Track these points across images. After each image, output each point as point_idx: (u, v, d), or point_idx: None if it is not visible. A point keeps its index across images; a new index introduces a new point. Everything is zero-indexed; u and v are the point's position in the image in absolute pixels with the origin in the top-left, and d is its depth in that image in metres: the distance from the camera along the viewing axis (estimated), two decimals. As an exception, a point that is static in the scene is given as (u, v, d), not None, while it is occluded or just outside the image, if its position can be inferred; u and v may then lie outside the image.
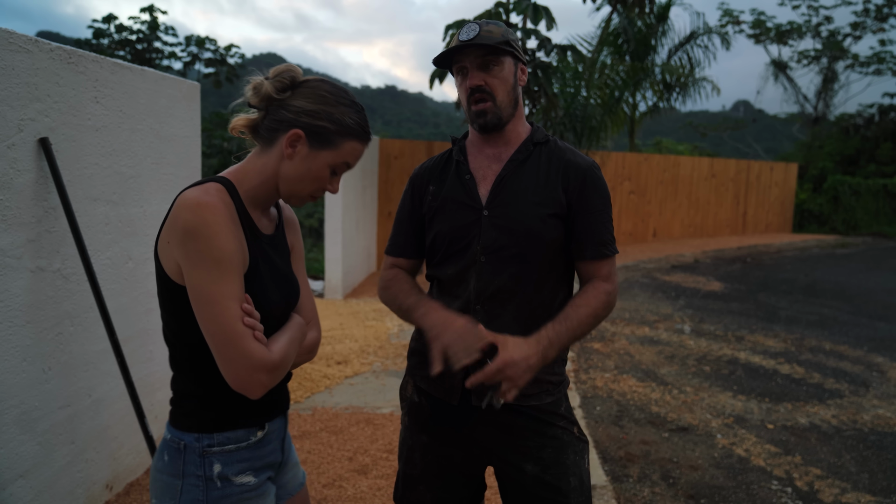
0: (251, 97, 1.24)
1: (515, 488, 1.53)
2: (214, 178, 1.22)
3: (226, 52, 22.28)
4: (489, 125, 1.49)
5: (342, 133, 1.23)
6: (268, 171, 1.24)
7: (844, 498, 3.01)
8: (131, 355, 2.68)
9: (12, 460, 2.12)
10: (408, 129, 68.24)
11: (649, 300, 7.65)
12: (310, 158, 1.22)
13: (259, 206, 1.28)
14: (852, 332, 6.32)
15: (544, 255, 1.49)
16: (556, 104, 8.68)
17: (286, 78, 1.23)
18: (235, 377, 1.13)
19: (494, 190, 1.50)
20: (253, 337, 1.13)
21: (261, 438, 1.29)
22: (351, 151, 1.25)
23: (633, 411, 4.05)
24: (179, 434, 1.24)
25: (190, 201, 1.12)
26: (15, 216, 2.10)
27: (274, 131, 1.23)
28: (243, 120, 1.26)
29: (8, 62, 2.04)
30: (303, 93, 1.22)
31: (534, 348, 1.36)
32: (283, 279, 1.31)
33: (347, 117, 1.23)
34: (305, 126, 1.21)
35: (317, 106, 1.21)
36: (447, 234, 1.52)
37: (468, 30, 1.45)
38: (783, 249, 13.23)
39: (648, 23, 13.64)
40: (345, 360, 4.76)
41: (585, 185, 1.50)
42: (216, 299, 1.11)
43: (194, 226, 1.10)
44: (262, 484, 1.29)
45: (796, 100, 24.37)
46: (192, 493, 1.22)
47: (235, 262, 1.14)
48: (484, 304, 1.48)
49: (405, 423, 1.65)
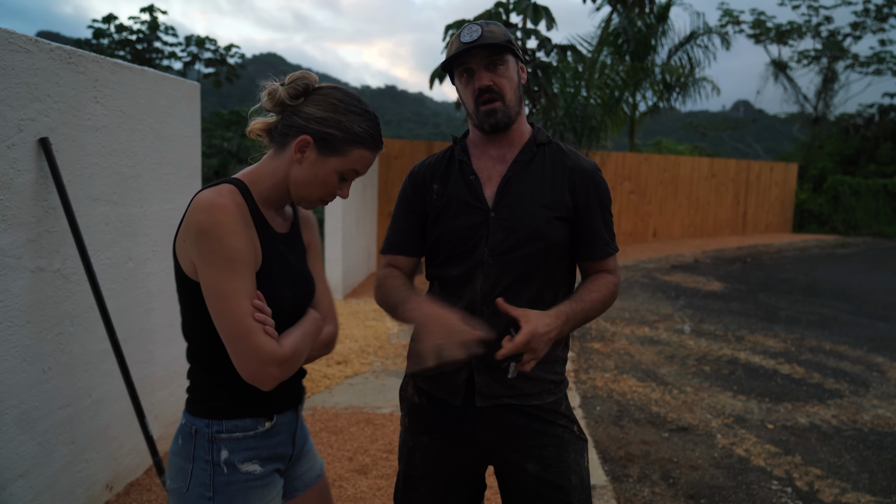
0: (266, 102, 1.28)
1: (517, 487, 1.54)
2: (229, 180, 1.27)
3: (226, 52, 22.30)
4: (500, 124, 1.49)
5: (350, 141, 1.26)
6: (280, 174, 1.28)
7: (844, 498, 3.01)
8: (131, 355, 2.68)
9: (12, 460, 2.12)
10: (408, 129, 68.26)
11: (649, 300, 7.65)
12: (318, 164, 1.26)
13: (273, 206, 1.32)
14: (852, 332, 6.32)
15: (549, 257, 1.50)
16: (556, 104, 8.68)
17: (300, 85, 1.26)
18: (247, 370, 1.18)
19: (500, 191, 1.50)
20: (263, 332, 1.18)
21: (268, 429, 1.32)
22: (359, 159, 1.28)
23: (633, 411, 4.05)
24: (192, 419, 1.30)
25: (203, 203, 1.18)
26: (15, 216, 2.10)
27: (286, 136, 1.27)
28: (260, 123, 1.31)
29: (8, 62, 2.04)
30: (315, 100, 1.26)
31: (554, 322, 1.37)
32: (297, 276, 1.34)
33: (357, 126, 1.26)
34: (314, 133, 1.24)
35: (326, 113, 1.25)
36: (453, 234, 1.52)
37: (470, 31, 1.45)
38: (783, 249, 13.23)
39: (648, 23, 13.64)
40: (345, 360, 4.76)
41: (591, 188, 1.53)
42: (228, 296, 1.16)
43: (207, 226, 1.16)
44: (267, 474, 1.32)
45: (796, 100, 24.40)
46: (200, 477, 1.27)
47: (246, 260, 1.18)
48: (490, 304, 1.48)
49: (405, 425, 1.64)
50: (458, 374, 1.51)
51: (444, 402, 1.54)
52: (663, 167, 13.94)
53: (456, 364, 1.51)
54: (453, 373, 1.51)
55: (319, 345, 1.36)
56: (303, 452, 1.46)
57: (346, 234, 7.32)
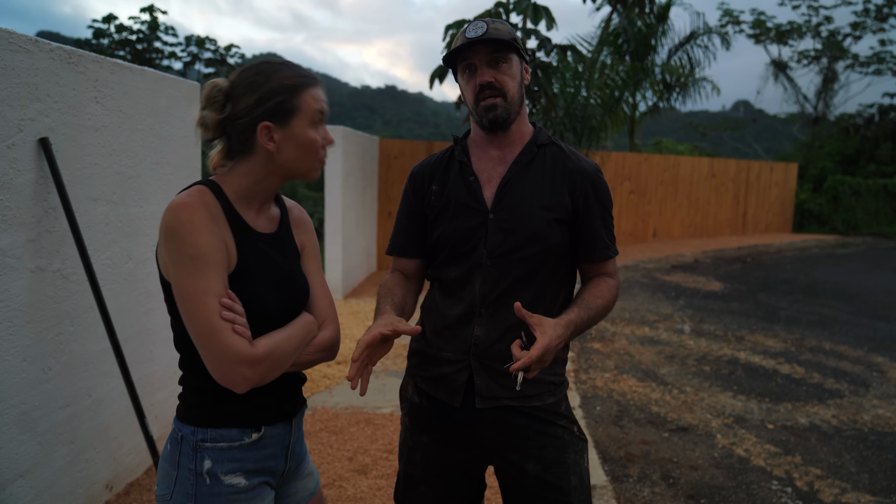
0: (205, 134, 1.26)
1: (517, 488, 1.53)
2: (201, 181, 1.25)
3: (226, 52, 22.30)
4: (499, 120, 1.47)
5: (293, 93, 1.24)
6: (256, 172, 1.26)
7: (844, 498, 3.01)
8: (131, 355, 2.68)
9: (12, 460, 2.12)
10: (408, 129, 68.29)
11: (649, 300, 7.65)
12: (289, 135, 1.24)
13: (253, 206, 1.29)
14: (852, 332, 6.32)
15: (549, 259, 1.49)
16: (556, 104, 8.68)
17: (217, 97, 1.24)
18: (216, 371, 1.15)
19: (500, 193, 1.49)
20: (232, 330, 1.14)
21: (255, 441, 1.28)
22: (312, 101, 1.26)
23: (633, 411, 4.05)
24: (180, 426, 1.27)
25: (170, 205, 1.18)
26: (15, 216, 2.10)
27: (244, 140, 1.24)
28: (217, 155, 1.29)
29: (8, 62, 2.04)
30: (238, 94, 1.23)
31: (564, 332, 1.35)
32: (284, 278, 1.30)
33: (285, 80, 1.24)
34: (264, 114, 1.22)
35: (257, 93, 1.22)
36: (452, 235, 1.51)
37: (475, 27, 1.44)
38: (783, 249, 13.23)
39: (648, 23, 13.64)
40: (345, 360, 4.76)
41: (591, 190, 1.51)
42: (194, 295, 1.14)
43: (171, 226, 1.15)
44: (253, 488, 1.27)
45: (796, 100, 24.38)
46: (183, 485, 1.24)
47: (213, 258, 1.16)
48: (489, 307, 1.48)
49: (405, 424, 1.64)
50: (457, 375, 1.50)
51: (444, 403, 1.53)
52: (663, 167, 13.93)
53: (454, 366, 1.51)
54: (452, 374, 1.51)
55: (314, 349, 1.31)
56: (297, 472, 1.41)
57: (346, 234, 7.32)
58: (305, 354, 1.29)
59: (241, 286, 1.21)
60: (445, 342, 1.53)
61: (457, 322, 1.51)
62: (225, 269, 1.18)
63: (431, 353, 1.55)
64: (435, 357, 1.54)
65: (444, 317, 1.53)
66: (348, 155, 7.40)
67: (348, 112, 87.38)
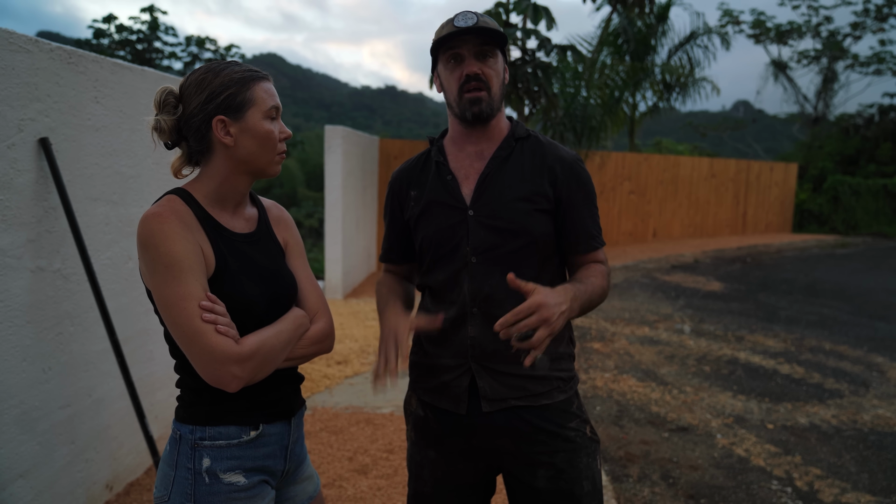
0: (164, 139, 1.28)
1: (527, 496, 1.49)
2: (170, 190, 1.26)
3: (226, 53, 22.30)
4: (483, 114, 1.44)
5: (242, 87, 1.25)
6: (222, 171, 1.27)
7: (844, 498, 3.01)
8: (131, 355, 2.68)
9: (12, 460, 2.12)
10: (408, 129, 68.28)
11: (649, 300, 7.65)
12: (245, 127, 1.25)
13: (228, 208, 1.31)
14: (852, 332, 6.32)
15: (536, 252, 1.46)
16: (556, 104, 8.68)
17: (169, 99, 1.26)
18: (205, 373, 1.16)
19: (478, 188, 1.47)
20: (215, 331, 1.15)
21: (253, 438, 1.28)
22: (263, 94, 1.27)
23: (633, 411, 4.05)
24: (178, 425, 1.28)
25: (142, 217, 1.19)
26: (15, 216, 2.10)
27: (202, 139, 1.26)
28: (178, 160, 1.31)
29: (8, 62, 2.04)
30: (189, 94, 1.25)
31: (563, 296, 1.27)
32: (267, 275, 1.30)
33: (234, 75, 1.25)
34: (216, 109, 1.23)
35: (207, 90, 1.24)
36: (433, 237, 1.49)
37: (465, 17, 1.41)
38: (783, 249, 13.23)
39: (648, 23, 13.64)
40: (345, 360, 4.77)
41: (573, 178, 1.48)
42: (173, 301, 1.15)
43: (144, 237, 1.17)
44: (253, 486, 1.28)
45: (796, 100, 24.37)
46: (181, 485, 1.24)
47: (188, 263, 1.17)
48: (480, 305, 1.45)
49: (412, 439, 1.60)
50: (458, 381, 1.47)
51: (450, 412, 1.49)
52: (663, 167, 13.93)
53: (454, 372, 1.48)
54: (454, 381, 1.47)
55: (308, 342, 1.31)
56: (297, 475, 1.41)
57: (346, 234, 7.32)
58: (300, 348, 1.30)
59: (223, 287, 1.22)
60: (442, 349, 1.49)
61: (450, 326, 1.47)
62: (203, 273, 1.19)
63: (430, 363, 1.52)
64: (434, 366, 1.51)
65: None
66: (348, 155, 7.40)
67: (348, 112, 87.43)
